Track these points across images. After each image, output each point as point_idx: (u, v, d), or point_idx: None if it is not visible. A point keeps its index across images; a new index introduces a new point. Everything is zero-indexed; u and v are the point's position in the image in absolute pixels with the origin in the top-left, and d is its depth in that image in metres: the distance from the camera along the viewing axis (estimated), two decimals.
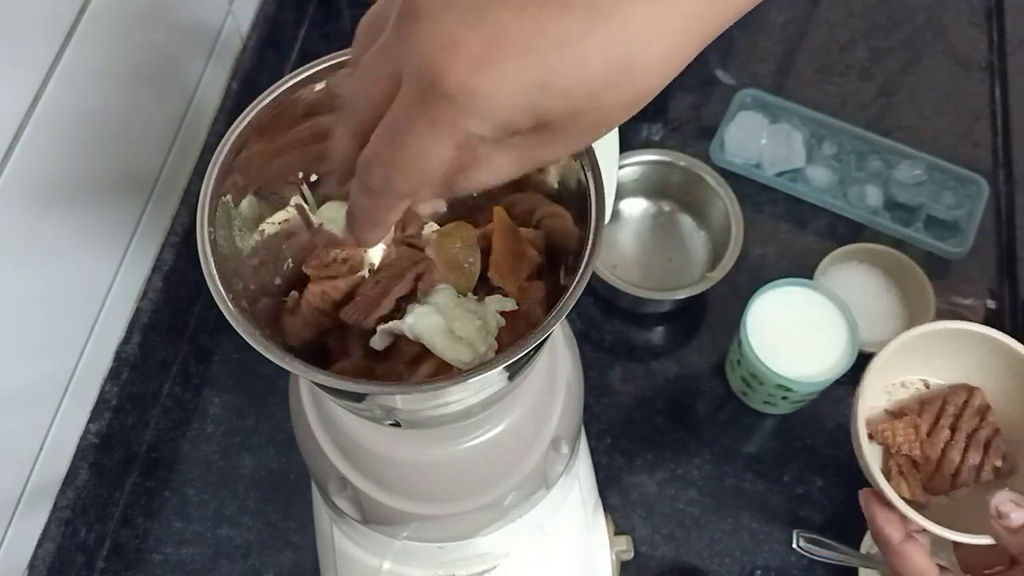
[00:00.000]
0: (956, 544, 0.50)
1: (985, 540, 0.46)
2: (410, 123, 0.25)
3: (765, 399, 0.72)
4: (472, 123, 0.24)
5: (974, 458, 0.53)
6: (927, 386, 0.57)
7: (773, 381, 0.67)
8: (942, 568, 0.47)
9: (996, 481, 0.53)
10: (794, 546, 0.64)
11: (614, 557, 0.64)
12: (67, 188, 0.59)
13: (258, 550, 0.70)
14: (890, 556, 0.47)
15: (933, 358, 0.56)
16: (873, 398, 0.57)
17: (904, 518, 0.48)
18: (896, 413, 0.57)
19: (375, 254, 0.44)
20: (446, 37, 0.23)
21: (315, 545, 0.63)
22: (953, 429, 0.55)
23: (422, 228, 0.45)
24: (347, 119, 0.28)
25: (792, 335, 0.69)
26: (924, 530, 0.49)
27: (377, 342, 0.40)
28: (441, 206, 0.30)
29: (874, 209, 0.82)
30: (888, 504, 0.49)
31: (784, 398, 0.70)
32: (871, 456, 0.51)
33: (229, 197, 0.38)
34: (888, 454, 0.56)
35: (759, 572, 0.69)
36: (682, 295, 0.74)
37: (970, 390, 0.55)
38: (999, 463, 0.53)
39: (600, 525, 0.63)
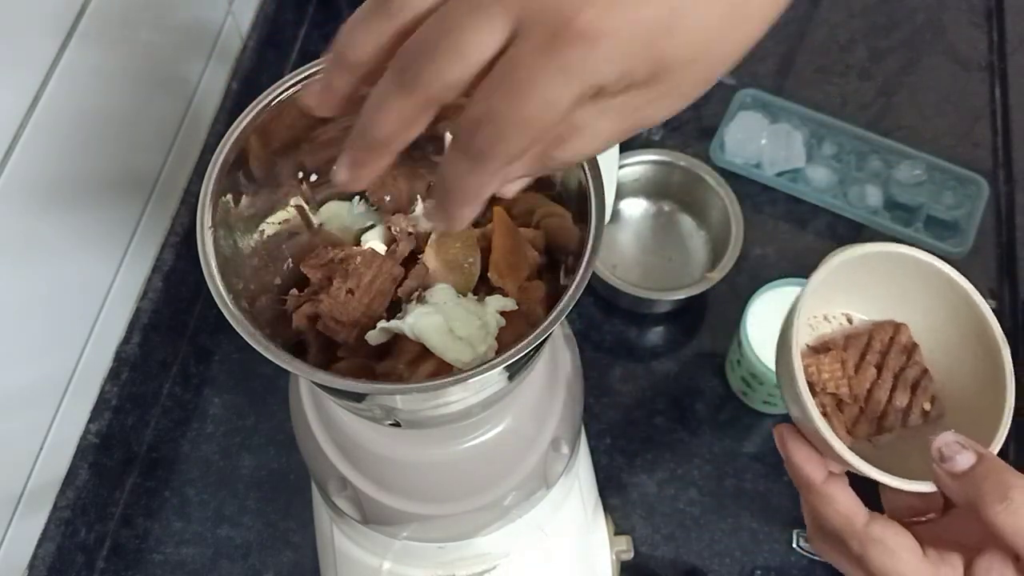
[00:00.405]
0: (882, 489, 0.43)
1: (927, 487, 0.38)
2: (536, 69, 0.24)
3: (765, 399, 0.72)
4: (602, 65, 0.24)
5: (901, 400, 0.46)
6: (850, 321, 0.51)
7: (773, 381, 0.67)
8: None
9: (924, 427, 0.46)
10: (794, 546, 0.64)
11: (614, 557, 0.64)
12: (67, 188, 0.59)
13: (258, 550, 0.70)
14: (812, 498, 0.39)
15: (858, 289, 0.50)
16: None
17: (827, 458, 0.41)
18: (819, 348, 0.51)
19: (378, 245, 0.44)
20: None
21: (315, 545, 0.63)
22: (879, 367, 0.48)
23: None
24: (430, 80, 0.26)
25: None
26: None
27: (373, 338, 0.40)
28: (527, 183, 0.29)
29: (874, 209, 0.82)
30: (807, 441, 0.41)
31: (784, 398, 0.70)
32: (807, 389, 0.41)
33: (229, 197, 0.38)
34: (812, 392, 0.48)
35: (759, 572, 0.69)
36: (682, 295, 0.74)
37: (896, 326, 0.48)
38: (928, 406, 0.47)
39: (600, 525, 0.63)
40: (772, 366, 0.67)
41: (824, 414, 0.44)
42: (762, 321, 0.69)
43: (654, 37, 0.24)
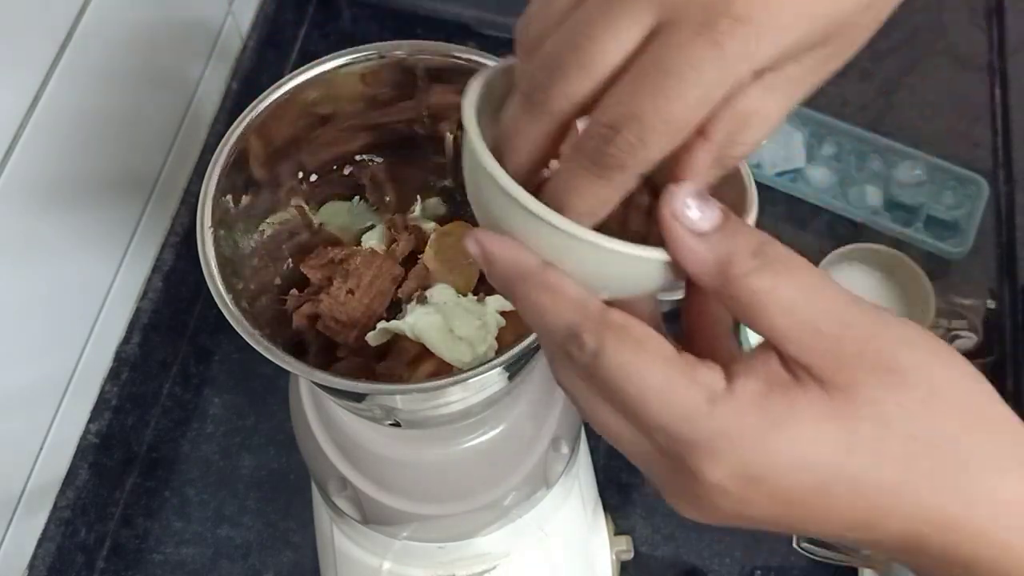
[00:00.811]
0: None
1: (661, 254, 0.26)
2: (689, 58, 0.21)
3: None
4: (766, 46, 0.21)
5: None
6: None
7: None
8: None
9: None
10: (794, 546, 0.64)
11: (614, 557, 0.64)
12: (67, 188, 0.59)
13: (258, 550, 0.70)
14: (531, 296, 0.26)
15: None
16: None
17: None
18: None
19: (378, 246, 0.44)
20: None
21: (315, 545, 0.63)
22: None
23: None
24: (560, 87, 0.23)
25: None
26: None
27: (373, 338, 0.41)
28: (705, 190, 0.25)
29: (874, 209, 0.82)
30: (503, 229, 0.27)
31: None
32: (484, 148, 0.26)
33: (229, 197, 0.38)
34: None
35: (759, 572, 0.69)
36: (682, 295, 0.74)
37: None
38: None
39: (600, 525, 0.63)
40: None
41: None
42: None
43: (817, 5, 0.22)
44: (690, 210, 0.25)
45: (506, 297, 0.28)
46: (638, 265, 0.26)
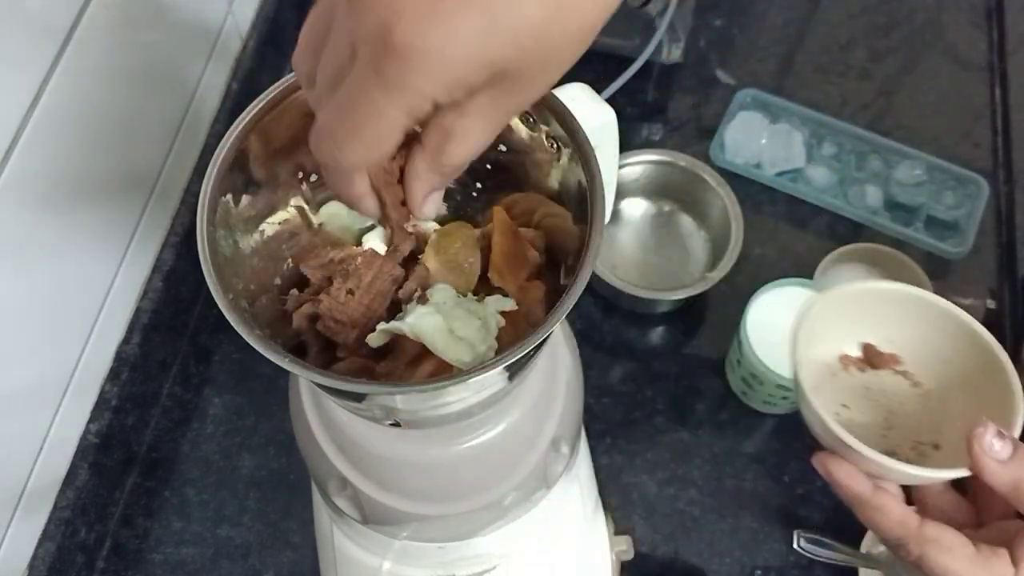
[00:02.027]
0: (917, 499, 0.45)
1: (962, 472, 0.41)
2: (361, 87, 0.25)
3: (765, 399, 0.72)
4: (423, 80, 0.24)
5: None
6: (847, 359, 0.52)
7: (773, 381, 0.67)
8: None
9: (935, 454, 0.46)
10: (794, 546, 0.64)
11: (614, 557, 0.64)
12: (67, 188, 0.59)
13: (258, 550, 0.70)
14: (866, 512, 0.42)
15: (850, 323, 0.50)
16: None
17: (867, 471, 0.43)
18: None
19: (378, 246, 0.44)
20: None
21: (315, 545, 0.63)
22: None
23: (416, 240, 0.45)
24: (316, 105, 0.28)
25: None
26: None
27: (374, 340, 0.40)
28: (438, 205, 0.31)
29: (874, 209, 0.82)
30: (843, 460, 0.43)
31: (784, 398, 0.70)
32: (820, 404, 0.43)
33: (229, 197, 0.38)
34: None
35: (759, 572, 0.69)
36: (682, 295, 0.74)
37: None
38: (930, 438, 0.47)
39: (600, 525, 0.63)
40: (772, 366, 0.67)
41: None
42: (762, 321, 0.69)
43: (477, 45, 0.24)
44: (994, 447, 0.39)
45: (850, 507, 0.43)
46: (947, 475, 0.42)
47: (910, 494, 0.45)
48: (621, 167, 0.80)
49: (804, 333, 0.46)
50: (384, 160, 0.29)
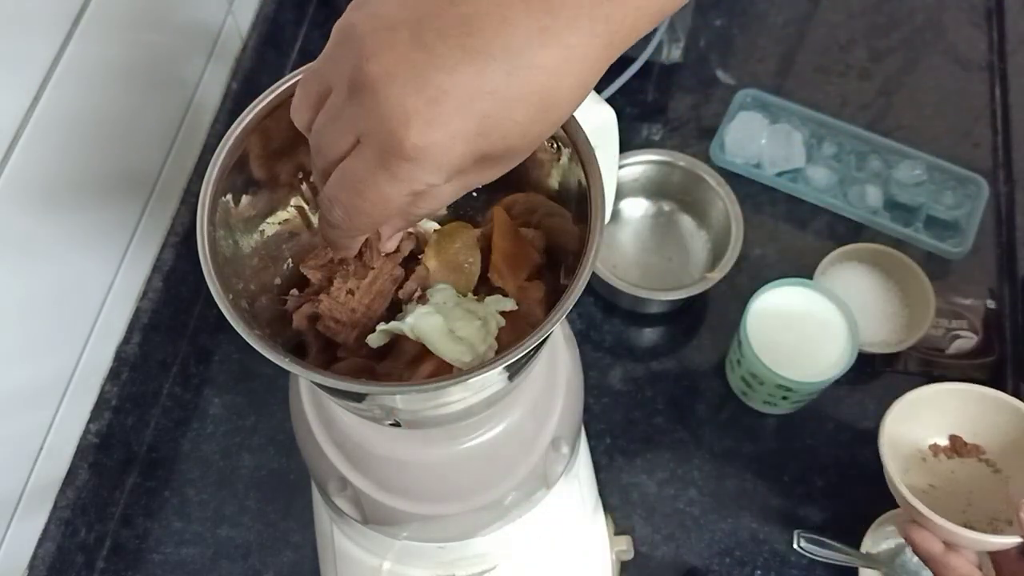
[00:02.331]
0: (987, 559, 0.56)
1: (1012, 540, 0.51)
2: (371, 176, 0.28)
3: (765, 399, 0.72)
4: (427, 174, 0.28)
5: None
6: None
7: (773, 381, 0.67)
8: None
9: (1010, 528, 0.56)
10: (794, 546, 0.64)
11: (614, 557, 0.64)
12: (67, 188, 0.59)
13: (258, 550, 0.70)
14: (936, 568, 0.53)
15: (933, 415, 0.61)
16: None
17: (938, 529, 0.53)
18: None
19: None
20: (398, 107, 0.27)
21: (315, 545, 0.63)
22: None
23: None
24: (314, 164, 0.32)
25: (792, 335, 0.69)
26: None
27: (374, 340, 0.41)
28: (399, 239, 0.35)
29: (874, 209, 0.82)
30: (921, 526, 0.54)
31: (784, 398, 0.70)
32: (900, 479, 0.55)
33: (229, 197, 0.38)
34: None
35: (759, 572, 0.69)
36: (682, 295, 0.74)
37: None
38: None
39: (600, 525, 0.63)
40: (772, 366, 0.67)
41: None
42: (762, 321, 0.69)
43: (473, 143, 0.27)
44: None
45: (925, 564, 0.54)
46: (995, 543, 0.52)
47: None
48: (621, 167, 0.80)
49: (891, 423, 0.57)
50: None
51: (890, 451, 0.56)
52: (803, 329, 0.69)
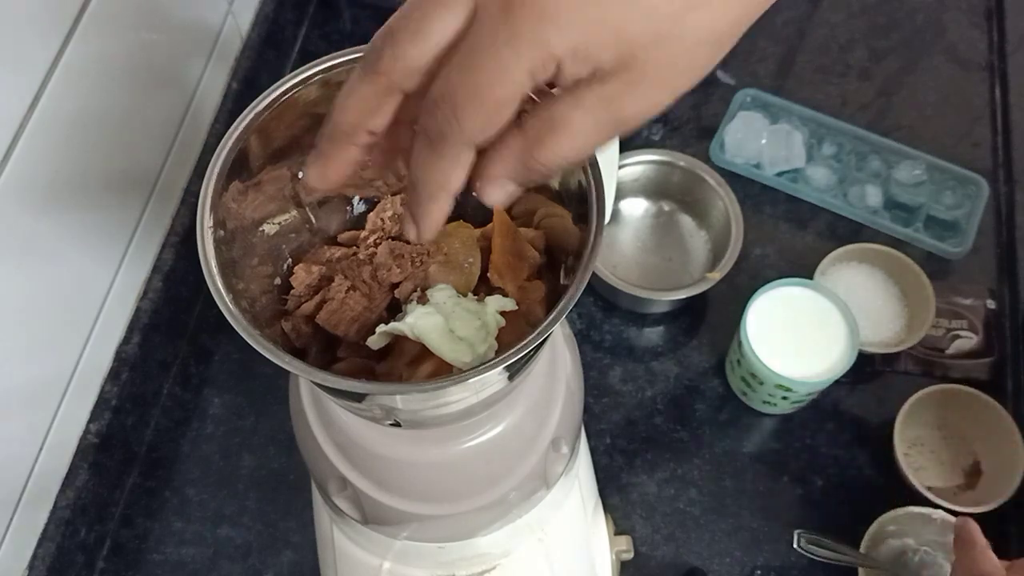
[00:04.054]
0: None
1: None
2: (489, 39, 0.24)
3: (765, 399, 0.72)
4: (554, 33, 0.24)
5: None
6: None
7: (773, 381, 0.67)
8: None
9: None
10: (794, 546, 0.64)
11: (614, 557, 0.64)
12: (67, 188, 0.59)
13: (258, 550, 0.70)
14: (967, 560, 0.55)
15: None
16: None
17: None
18: None
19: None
20: None
21: (315, 545, 0.63)
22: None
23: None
24: (401, 62, 0.26)
25: (792, 335, 0.69)
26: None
27: (374, 342, 0.41)
28: (506, 197, 0.28)
29: (874, 209, 0.82)
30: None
31: (784, 398, 0.70)
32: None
33: (229, 197, 0.38)
34: None
35: (759, 572, 0.69)
36: (682, 295, 0.74)
37: None
38: None
39: (600, 525, 0.63)
40: (772, 366, 0.67)
41: None
42: (762, 321, 0.69)
43: (612, 11, 0.24)
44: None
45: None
46: None
47: None
48: (621, 167, 0.80)
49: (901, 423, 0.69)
50: (492, 137, 0.26)
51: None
52: (803, 329, 0.69)
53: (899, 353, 0.75)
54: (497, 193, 0.28)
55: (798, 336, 0.69)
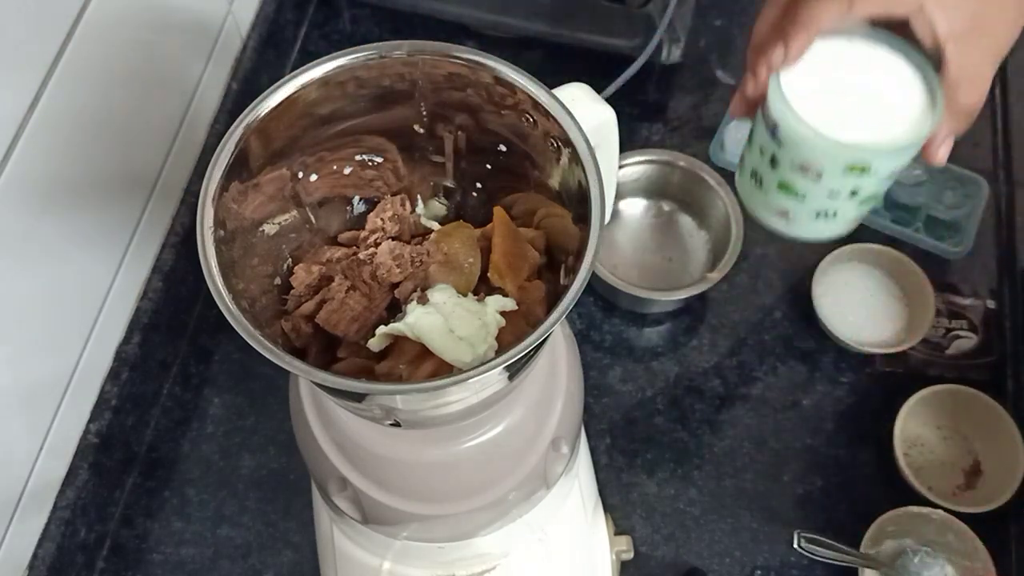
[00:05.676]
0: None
1: None
2: None
3: (822, 205, 0.49)
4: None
5: None
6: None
7: (843, 160, 0.45)
8: None
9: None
10: (794, 546, 0.64)
11: (614, 557, 0.64)
12: (67, 188, 0.59)
13: (258, 550, 0.70)
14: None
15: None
16: None
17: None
18: None
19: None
20: None
21: (315, 545, 0.64)
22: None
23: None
24: None
25: (846, 100, 0.46)
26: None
27: (375, 344, 0.41)
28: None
29: (874, 209, 0.82)
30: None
31: (854, 193, 0.47)
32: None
33: (229, 197, 0.38)
34: None
35: (759, 572, 0.69)
36: (682, 295, 0.74)
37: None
38: None
39: (600, 525, 0.63)
40: (832, 135, 0.44)
41: None
42: (802, 83, 0.46)
43: None
44: None
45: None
46: None
47: None
48: (621, 167, 0.80)
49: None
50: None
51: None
52: (860, 88, 0.46)
53: (899, 353, 0.75)
54: (943, 153, 0.51)
55: (854, 99, 0.46)
